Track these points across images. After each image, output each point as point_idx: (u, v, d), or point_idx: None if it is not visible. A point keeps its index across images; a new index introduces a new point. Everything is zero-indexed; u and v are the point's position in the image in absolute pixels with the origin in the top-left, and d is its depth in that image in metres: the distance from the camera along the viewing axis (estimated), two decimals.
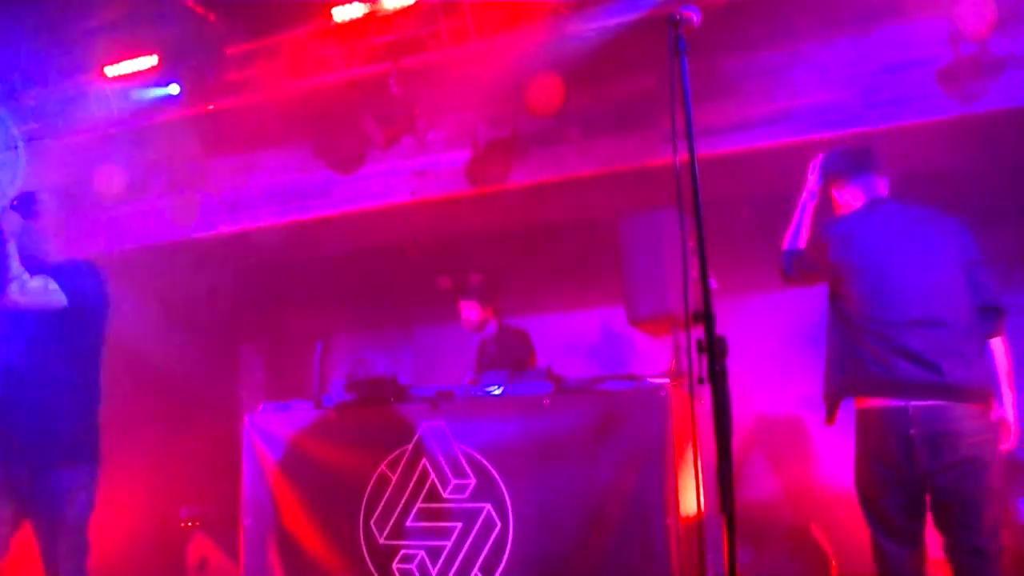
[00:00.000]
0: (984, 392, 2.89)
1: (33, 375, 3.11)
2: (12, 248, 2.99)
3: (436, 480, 4.18)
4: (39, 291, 3.04)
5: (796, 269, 3.28)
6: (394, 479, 4.28)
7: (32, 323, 3.11)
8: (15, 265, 2.97)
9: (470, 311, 5.48)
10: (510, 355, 5.26)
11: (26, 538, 3.10)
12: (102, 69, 5.69)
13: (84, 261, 3.32)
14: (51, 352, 3.14)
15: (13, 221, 3.08)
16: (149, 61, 5.58)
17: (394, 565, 4.18)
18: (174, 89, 5.64)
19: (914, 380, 2.84)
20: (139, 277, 6.91)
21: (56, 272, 3.13)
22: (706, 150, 4.81)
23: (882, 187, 3.29)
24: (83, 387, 3.23)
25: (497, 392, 4.29)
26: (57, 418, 3.10)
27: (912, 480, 2.86)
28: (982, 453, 2.81)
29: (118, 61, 5.65)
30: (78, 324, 3.19)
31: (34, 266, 3.12)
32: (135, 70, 5.65)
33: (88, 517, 3.12)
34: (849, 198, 3.31)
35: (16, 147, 3.96)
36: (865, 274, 3.02)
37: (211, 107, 5.69)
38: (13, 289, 2.96)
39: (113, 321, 6.73)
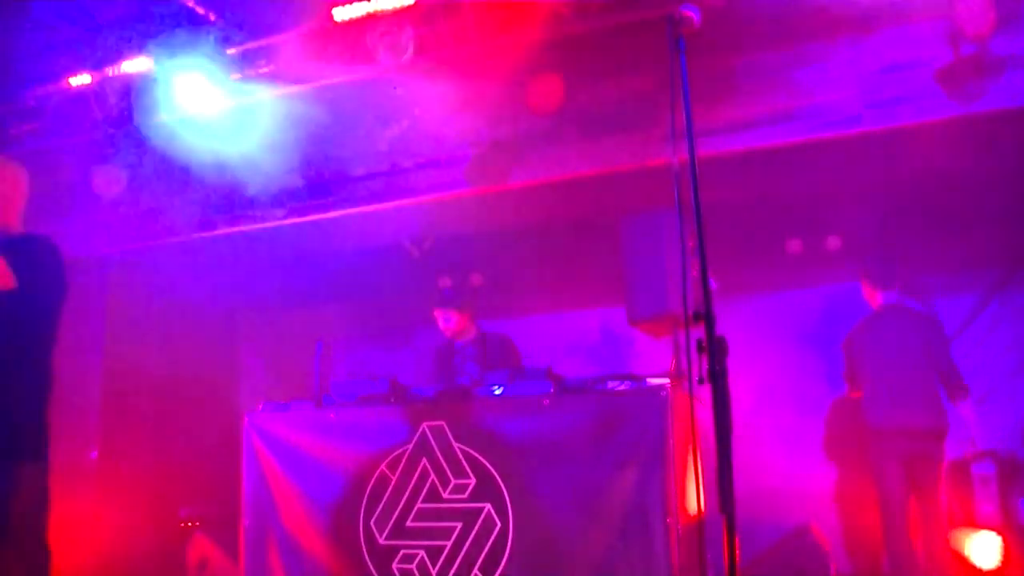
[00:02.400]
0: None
1: None
2: None
3: (436, 480, 4.18)
4: None
5: (847, 382, 5.17)
6: (394, 479, 4.28)
7: None
8: None
9: (448, 320, 5.32)
10: (494, 362, 5.14)
11: None
12: (102, 69, 5.68)
13: (41, 237, 3.00)
14: None
15: None
16: (147, 62, 5.57)
17: (394, 565, 4.18)
18: (171, 90, 5.63)
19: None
20: (139, 277, 6.92)
21: (6, 248, 2.84)
22: (706, 150, 4.82)
23: (895, 296, 5.05)
24: (27, 378, 2.90)
25: (497, 392, 4.29)
26: None
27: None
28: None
29: (117, 61, 5.65)
30: (24, 307, 2.87)
31: None
32: (136, 70, 5.65)
33: (41, 521, 2.83)
34: (872, 298, 5.11)
35: None
36: (870, 363, 4.92)
37: (211, 107, 5.68)
38: None
39: (113, 321, 6.73)
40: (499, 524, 4.01)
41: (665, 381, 3.94)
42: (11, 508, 2.76)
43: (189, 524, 6.21)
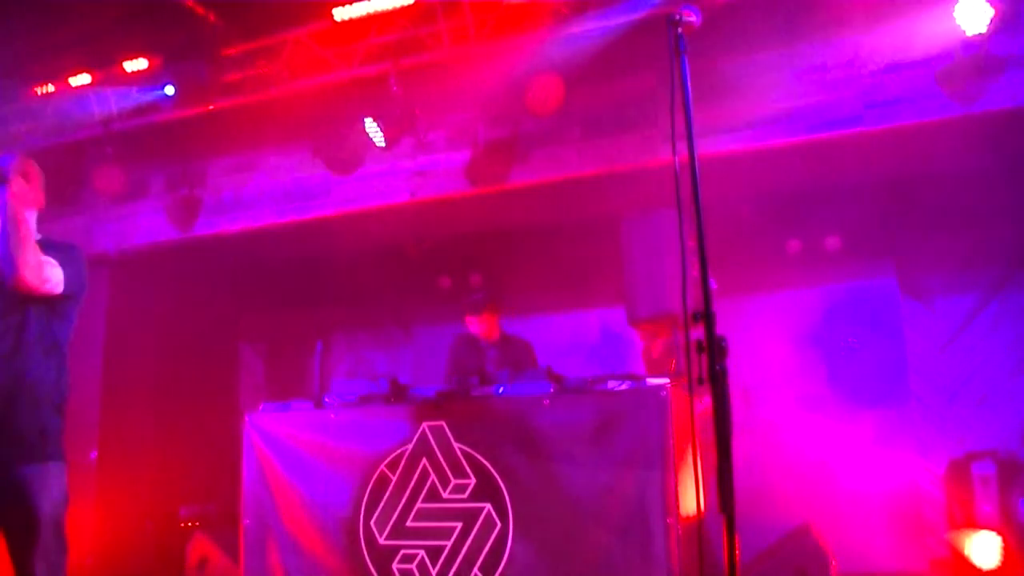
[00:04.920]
0: None
1: (3, 364, 2.85)
2: (29, 224, 2.80)
3: (436, 480, 4.18)
4: (47, 276, 2.83)
5: None
6: (394, 479, 4.27)
7: (13, 308, 2.87)
8: (32, 245, 2.76)
9: (484, 323, 5.32)
10: (514, 365, 5.17)
11: None
12: (102, 69, 5.69)
13: (70, 243, 3.06)
14: (27, 341, 2.89)
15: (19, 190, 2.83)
16: (150, 62, 5.58)
17: (394, 565, 4.18)
18: (170, 90, 5.63)
19: None
20: (139, 277, 6.92)
21: (52, 254, 2.90)
22: (706, 150, 4.81)
23: None
24: (55, 379, 2.98)
25: (498, 392, 4.29)
26: (27, 412, 2.87)
27: None
28: None
29: (117, 61, 5.65)
30: (59, 312, 2.96)
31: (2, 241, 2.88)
32: (136, 70, 5.65)
33: (63, 514, 2.91)
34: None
35: None
36: None
37: (211, 107, 5.68)
38: (29, 274, 2.76)
39: (113, 321, 6.70)
40: (499, 524, 4.01)
41: (665, 381, 3.94)
42: (40, 508, 2.82)
43: (189, 524, 6.21)
